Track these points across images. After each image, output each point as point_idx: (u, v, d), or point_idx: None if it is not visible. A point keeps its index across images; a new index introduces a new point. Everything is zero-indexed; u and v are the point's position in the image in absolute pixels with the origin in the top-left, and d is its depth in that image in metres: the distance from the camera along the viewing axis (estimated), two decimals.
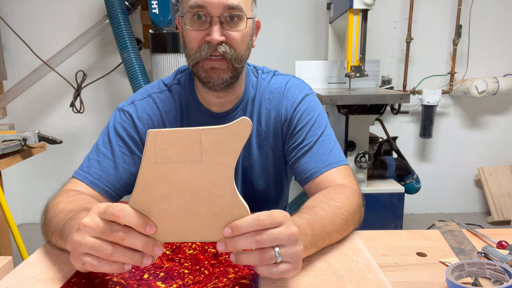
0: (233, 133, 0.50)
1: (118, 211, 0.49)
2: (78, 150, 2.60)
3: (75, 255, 0.52)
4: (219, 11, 0.74)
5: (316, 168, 0.83)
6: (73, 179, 0.82)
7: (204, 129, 0.50)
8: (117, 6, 2.10)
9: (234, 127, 0.50)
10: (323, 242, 0.65)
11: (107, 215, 0.50)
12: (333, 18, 2.23)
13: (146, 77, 2.10)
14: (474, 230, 0.76)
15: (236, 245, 0.50)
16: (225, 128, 0.50)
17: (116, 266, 0.50)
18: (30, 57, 2.21)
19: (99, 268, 0.50)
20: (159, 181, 0.51)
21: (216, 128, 0.50)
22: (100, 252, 0.50)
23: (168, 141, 0.50)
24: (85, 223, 0.51)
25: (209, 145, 0.50)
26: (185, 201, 0.51)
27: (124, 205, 0.50)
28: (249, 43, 0.82)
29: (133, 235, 0.49)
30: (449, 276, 0.53)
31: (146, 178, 0.51)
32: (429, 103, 2.37)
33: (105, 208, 0.50)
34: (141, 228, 0.50)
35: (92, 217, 0.51)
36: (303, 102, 0.89)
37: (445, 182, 2.72)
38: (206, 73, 0.79)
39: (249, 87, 0.91)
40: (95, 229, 0.50)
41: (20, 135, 1.57)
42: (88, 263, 0.50)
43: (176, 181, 0.51)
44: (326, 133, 0.87)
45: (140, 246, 0.49)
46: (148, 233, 0.50)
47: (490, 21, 2.50)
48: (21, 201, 2.70)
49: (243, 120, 0.50)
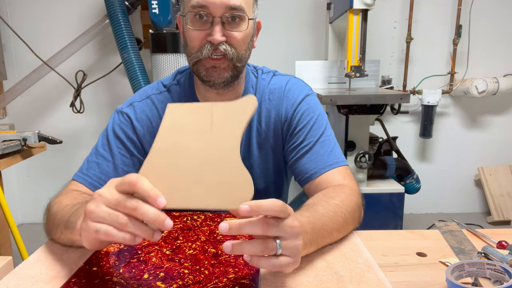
0: (240, 107, 0.58)
1: (136, 178, 0.51)
2: (78, 150, 2.60)
3: (88, 224, 0.52)
4: (221, 11, 0.75)
5: (316, 169, 0.83)
6: (73, 182, 0.83)
7: (216, 104, 0.58)
8: (117, 6, 2.10)
9: (241, 102, 0.58)
10: (323, 240, 0.65)
11: (124, 184, 0.51)
12: (333, 18, 2.23)
13: (146, 77, 2.10)
14: (474, 230, 0.76)
15: (242, 227, 0.49)
16: (234, 102, 0.58)
17: (128, 236, 0.51)
18: (30, 57, 2.21)
19: (113, 235, 0.50)
20: (172, 148, 0.56)
21: (226, 102, 0.58)
22: (115, 220, 0.50)
23: (184, 111, 0.59)
24: (100, 193, 0.52)
25: (219, 117, 0.57)
26: (194, 168, 0.55)
27: (139, 175, 0.52)
28: (249, 44, 0.82)
29: (146, 207, 0.50)
30: (449, 276, 0.53)
31: (160, 145, 0.57)
32: (429, 103, 2.37)
33: (123, 178, 0.52)
34: (153, 199, 0.50)
35: (108, 188, 0.52)
36: (303, 103, 0.89)
37: (445, 182, 2.72)
38: (207, 71, 0.79)
39: (248, 87, 0.91)
40: (109, 199, 0.51)
41: (20, 135, 1.57)
42: (103, 230, 0.51)
43: (186, 148, 0.56)
44: (326, 134, 0.87)
45: (152, 217, 0.49)
46: (159, 206, 0.50)
47: (490, 21, 2.50)
48: (21, 201, 2.70)
49: (250, 96, 0.59)
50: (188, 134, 0.57)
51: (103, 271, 0.60)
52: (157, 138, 0.57)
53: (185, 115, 0.58)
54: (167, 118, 0.58)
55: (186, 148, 0.56)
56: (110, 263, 0.63)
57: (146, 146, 0.88)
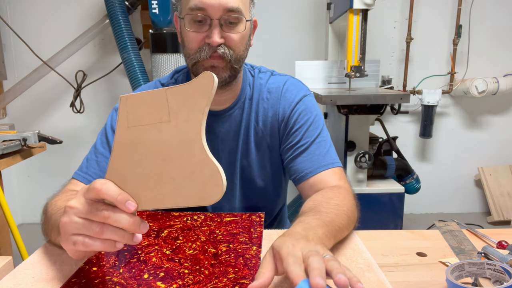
0: (197, 88, 0.50)
1: (100, 185, 0.49)
2: (78, 150, 2.60)
3: (65, 237, 0.52)
4: (219, 14, 0.75)
5: (312, 168, 0.84)
6: (73, 180, 0.83)
7: (170, 88, 0.51)
8: (117, 6, 2.10)
9: (197, 82, 0.50)
10: (337, 234, 0.66)
11: (90, 192, 0.50)
12: (333, 18, 2.23)
13: (146, 77, 2.10)
14: (474, 230, 0.76)
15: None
16: (189, 84, 0.50)
17: (108, 244, 0.50)
18: (30, 57, 2.21)
19: (91, 245, 0.50)
20: (132, 146, 0.51)
21: (181, 85, 0.51)
22: (90, 230, 0.50)
23: (138, 103, 0.52)
24: (70, 205, 0.51)
25: (176, 103, 0.50)
26: (157, 165, 0.51)
27: (106, 180, 0.51)
28: (247, 44, 0.83)
29: (118, 214, 0.49)
30: (449, 276, 0.53)
31: (120, 144, 0.52)
32: (429, 103, 2.37)
33: (88, 185, 0.51)
34: (122, 204, 0.49)
35: (78, 199, 0.52)
36: (301, 103, 0.90)
37: (445, 182, 2.72)
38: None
39: (246, 85, 0.91)
40: (80, 209, 0.50)
41: (20, 135, 1.57)
42: (80, 242, 0.50)
43: (147, 144, 0.51)
44: (323, 135, 0.88)
45: (126, 224, 0.49)
46: (129, 210, 0.49)
47: (490, 21, 2.50)
48: (21, 201, 2.70)
49: (205, 73, 0.50)
50: (145, 127, 0.51)
51: (103, 271, 0.60)
52: (115, 137, 0.52)
53: (139, 106, 0.52)
54: (122, 113, 0.52)
55: (146, 143, 0.51)
56: (110, 263, 0.63)
57: None
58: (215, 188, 0.49)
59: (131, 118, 0.52)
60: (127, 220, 0.49)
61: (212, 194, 0.49)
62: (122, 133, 0.52)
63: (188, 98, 0.50)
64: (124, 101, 0.52)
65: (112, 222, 0.49)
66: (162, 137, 0.51)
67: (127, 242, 0.50)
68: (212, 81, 0.50)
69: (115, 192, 0.50)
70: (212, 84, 0.50)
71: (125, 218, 0.49)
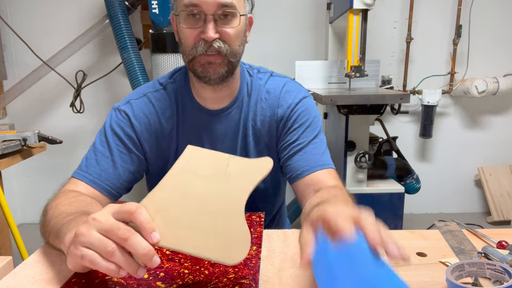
0: (257, 166, 0.60)
1: (135, 208, 0.50)
2: (78, 150, 2.60)
3: (75, 247, 0.51)
4: (213, 9, 0.76)
5: (308, 167, 0.85)
6: (73, 179, 0.83)
7: (235, 156, 0.61)
8: (117, 6, 2.10)
9: (258, 161, 0.62)
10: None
11: (122, 212, 0.51)
12: (333, 18, 2.23)
13: (146, 77, 2.10)
14: (474, 230, 0.76)
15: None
16: (251, 160, 0.61)
17: (113, 267, 0.49)
18: (30, 57, 2.20)
19: (97, 263, 0.49)
20: (180, 186, 0.56)
21: (244, 158, 0.62)
22: (104, 247, 0.49)
23: (201, 156, 0.61)
24: (94, 217, 0.51)
25: (234, 169, 0.59)
26: (195, 211, 0.54)
27: (140, 205, 0.51)
28: (242, 39, 0.84)
29: (138, 238, 0.49)
30: (449, 276, 0.53)
31: (169, 180, 0.57)
32: (429, 103, 2.37)
33: (122, 205, 0.51)
34: (148, 233, 0.49)
35: (103, 213, 0.51)
36: (300, 104, 0.90)
37: (445, 182, 2.72)
38: (203, 67, 0.81)
39: (243, 85, 0.91)
40: (103, 224, 0.50)
41: (20, 135, 1.57)
42: (88, 256, 0.50)
43: (194, 190, 0.56)
44: (320, 137, 0.89)
45: (142, 251, 0.48)
46: (152, 241, 0.49)
47: (490, 21, 2.50)
48: (21, 201, 2.70)
49: (267, 158, 0.61)
50: (199, 177, 0.57)
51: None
52: (168, 173, 0.57)
53: (201, 159, 0.60)
54: (184, 157, 0.60)
55: (194, 190, 0.56)
56: None
57: (144, 143, 0.88)
58: (240, 250, 0.51)
59: (191, 164, 0.59)
60: (143, 246, 0.48)
61: (235, 255, 0.51)
62: (177, 172, 0.58)
63: (246, 170, 0.59)
64: (191, 149, 0.62)
65: (128, 245, 0.49)
66: (211, 191, 0.56)
67: (131, 272, 0.50)
68: (270, 165, 0.61)
69: (146, 219, 0.50)
70: (270, 167, 0.60)
71: (143, 245, 0.49)
